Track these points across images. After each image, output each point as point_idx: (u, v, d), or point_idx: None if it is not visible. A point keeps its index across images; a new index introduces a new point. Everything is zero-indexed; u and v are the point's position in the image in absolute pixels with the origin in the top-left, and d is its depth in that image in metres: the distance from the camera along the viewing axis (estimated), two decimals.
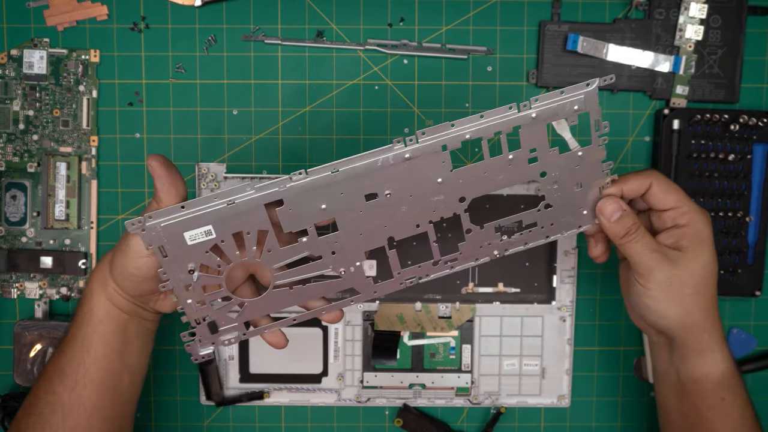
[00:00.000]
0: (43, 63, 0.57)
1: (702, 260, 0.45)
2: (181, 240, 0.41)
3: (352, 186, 0.42)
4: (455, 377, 0.59)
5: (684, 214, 0.45)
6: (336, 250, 0.44)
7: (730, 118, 0.56)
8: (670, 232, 0.46)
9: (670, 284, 0.44)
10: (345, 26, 0.58)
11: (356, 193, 0.42)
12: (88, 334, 0.46)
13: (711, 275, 0.45)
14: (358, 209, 0.43)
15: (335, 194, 0.42)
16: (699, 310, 0.45)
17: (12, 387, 0.60)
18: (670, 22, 0.57)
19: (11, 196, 0.58)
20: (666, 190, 0.45)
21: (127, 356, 0.47)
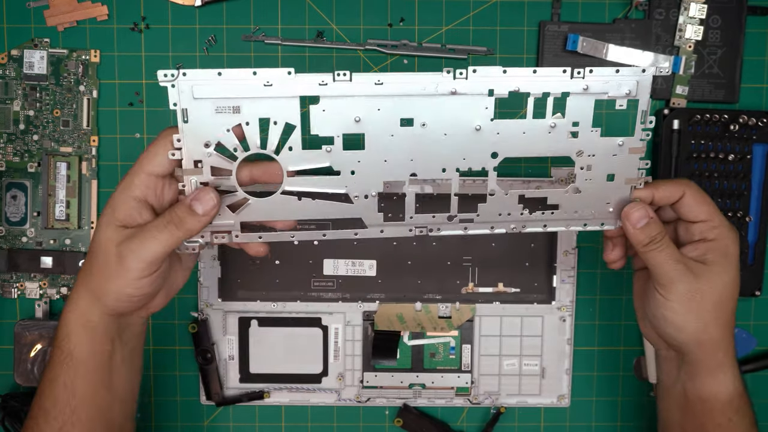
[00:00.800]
0: (44, 63, 0.57)
1: (726, 277, 0.44)
2: (207, 110, 0.39)
3: (391, 104, 0.40)
4: (455, 377, 0.59)
5: (714, 228, 0.44)
6: (356, 170, 0.42)
7: (730, 118, 0.56)
8: (696, 245, 0.45)
9: (692, 297, 0.43)
10: (345, 26, 0.58)
11: (393, 113, 0.41)
12: (70, 378, 0.43)
13: (733, 293, 0.44)
14: (390, 132, 0.41)
15: (372, 109, 0.40)
16: (717, 327, 0.44)
17: (12, 387, 0.60)
18: (670, 22, 0.57)
19: (11, 196, 0.58)
20: (700, 202, 0.45)
21: (115, 387, 0.45)
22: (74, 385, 0.43)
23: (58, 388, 0.43)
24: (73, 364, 0.43)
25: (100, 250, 0.42)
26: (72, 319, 0.43)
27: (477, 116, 0.41)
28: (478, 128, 0.42)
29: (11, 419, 0.58)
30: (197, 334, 0.58)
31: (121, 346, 0.45)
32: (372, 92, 0.40)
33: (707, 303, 0.44)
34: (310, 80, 0.40)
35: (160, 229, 0.41)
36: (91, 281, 0.43)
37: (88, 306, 0.43)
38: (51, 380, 0.44)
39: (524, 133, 0.42)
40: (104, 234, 0.42)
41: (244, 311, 0.59)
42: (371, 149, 0.41)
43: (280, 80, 0.39)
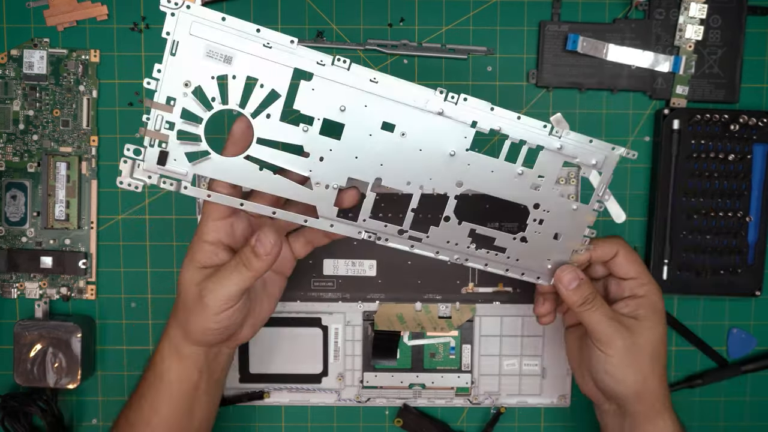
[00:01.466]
0: (43, 63, 0.57)
1: (658, 331, 0.47)
2: (198, 50, 0.39)
3: (379, 105, 0.41)
4: (455, 377, 0.59)
5: (643, 285, 0.48)
6: (325, 158, 0.42)
7: (730, 118, 0.56)
8: (627, 301, 0.48)
9: (630, 352, 0.46)
10: (345, 26, 0.58)
11: (378, 114, 0.41)
12: (157, 397, 0.47)
13: (664, 345, 0.48)
14: (370, 131, 0.41)
15: (360, 103, 0.41)
16: (654, 379, 0.47)
17: (12, 387, 0.60)
18: (670, 22, 0.57)
19: (11, 196, 0.58)
20: (631, 261, 0.48)
21: (195, 415, 0.48)
22: (159, 406, 0.47)
23: (145, 404, 0.47)
24: (162, 387, 0.47)
25: (183, 290, 0.45)
26: (166, 347, 0.47)
27: (455, 142, 0.42)
28: (452, 154, 0.43)
29: (11, 419, 0.58)
30: None
31: (207, 377, 0.48)
32: (365, 87, 0.40)
33: (644, 356, 0.47)
34: (309, 56, 0.40)
35: (231, 270, 0.44)
36: (179, 316, 0.46)
37: (179, 338, 0.47)
38: (140, 396, 0.48)
39: (492, 172, 0.44)
40: (186, 275, 0.45)
41: None
42: (346, 142, 0.42)
43: (281, 46, 0.39)
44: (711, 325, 0.60)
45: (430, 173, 0.43)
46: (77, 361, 0.57)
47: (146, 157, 0.41)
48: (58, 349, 0.57)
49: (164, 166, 0.41)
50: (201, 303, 0.44)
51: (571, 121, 0.59)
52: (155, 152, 0.41)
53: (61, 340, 0.57)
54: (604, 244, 0.48)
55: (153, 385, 0.47)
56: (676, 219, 0.58)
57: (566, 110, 0.59)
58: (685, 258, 0.58)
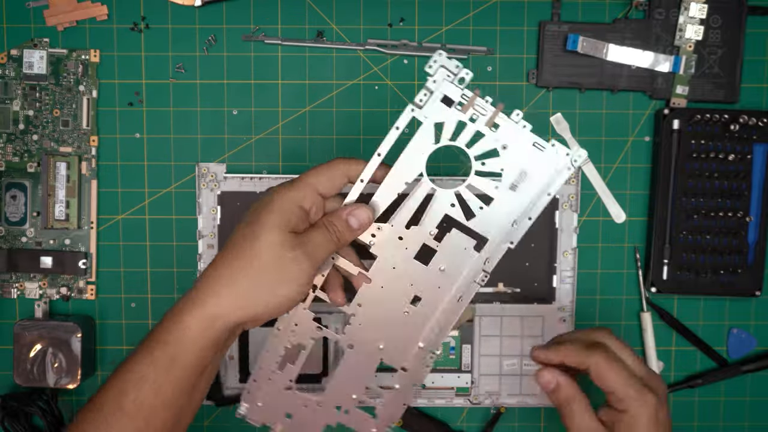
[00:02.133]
0: (43, 63, 0.57)
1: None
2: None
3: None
4: (455, 377, 0.59)
5: (620, 401, 0.42)
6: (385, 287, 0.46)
7: (730, 118, 0.56)
8: (608, 410, 0.44)
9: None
10: (345, 26, 0.58)
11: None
12: (165, 381, 0.41)
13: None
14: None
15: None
16: None
17: (12, 387, 0.60)
18: (670, 22, 0.57)
19: (11, 196, 0.58)
20: (604, 377, 0.43)
21: (195, 395, 0.43)
22: (163, 388, 0.41)
23: (145, 387, 0.41)
24: (172, 370, 0.41)
25: (268, 254, 0.41)
26: (192, 325, 0.41)
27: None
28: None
29: (11, 419, 0.58)
30: None
31: (220, 355, 0.44)
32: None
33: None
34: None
35: (325, 238, 0.43)
36: (237, 288, 0.41)
37: (214, 316, 0.41)
38: (140, 379, 0.41)
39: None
40: (275, 238, 0.41)
41: None
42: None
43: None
44: (711, 325, 0.60)
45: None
46: (77, 361, 0.57)
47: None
48: (58, 349, 0.57)
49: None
50: (298, 269, 0.41)
51: (571, 122, 0.59)
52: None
53: (61, 340, 0.57)
54: (575, 353, 0.43)
55: (161, 369, 0.41)
56: (676, 219, 0.58)
57: (566, 110, 0.59)
58: (685, 258, 0.58)
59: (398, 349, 0.47)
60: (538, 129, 0.59)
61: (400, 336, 0.47)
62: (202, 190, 0.58)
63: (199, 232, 0.58)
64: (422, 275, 0.46)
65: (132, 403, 0.41)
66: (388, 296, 0.46)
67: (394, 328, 0.46)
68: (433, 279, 0.46)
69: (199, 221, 0.58)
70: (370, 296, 0.46)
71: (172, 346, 0.41)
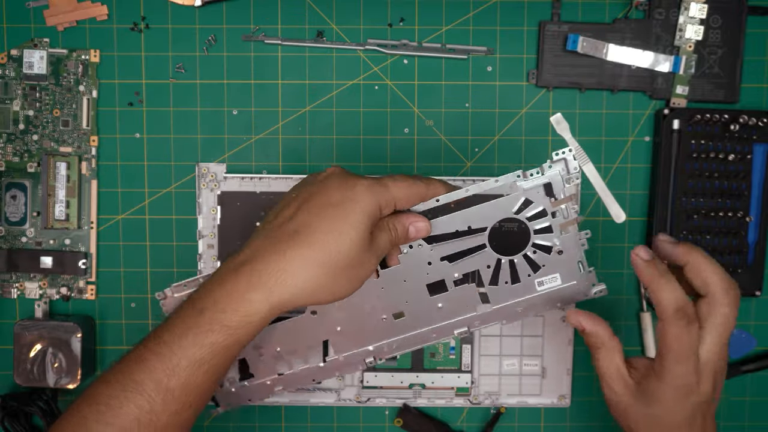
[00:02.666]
0: (43, 63, 0.57)
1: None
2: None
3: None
4: (455, 377, 0.59)
5: (713, 294, 0.42)
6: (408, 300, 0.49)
7: (730, 118, 0.56)
8: (641, 358, 0.46)
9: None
10: (345, 26, 0.58)
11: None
12: (218, 364, 0.41)
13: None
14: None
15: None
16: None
17: (12, 387, 0.60)
18: (670, 22, 0.57)
19: (11, 196, 0.58)
20: (700, 267, 0.43)
21: (221, 377, 0.43)
22: (217, 370, 0.41)
23: (199, 371, 0.40)
24: (229, 354, 0.41)
25: (350, 253, 0.41)
26: (261, 311, 0.40)
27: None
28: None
29: (11, 419, 0.58)
30: None
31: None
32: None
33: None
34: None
35: (387, 240, 0.44)
36: (310, 280, 0.41)
37: (281, 304, 0.41)
38: (199, 363, 0.40)
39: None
40: (359, 237, 0.41)
41: None
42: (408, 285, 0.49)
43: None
44: None
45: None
46: (77, 361, 0.57)
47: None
48: (58, 349, 0.57)
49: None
50: (359, 269, 0.42)
51: (571, 122, 0.59)
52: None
53: (61, 340, 0.57)
54: (681, 251, 0.44)
55: (221, 353, 0.40)
56: (676, 219, 0.58)
57: (566, 110, 0.59)
58: None
59: (348, 343, 0.51)
60: (538, 129, 0.59)
61: (363, 332, 0.50)
62: (202, 190, 0.58)
63: (199, 232, 0.58)
64: (420, 301, 0.49)
65: (183, 389, 0.40)
66: (380, 297, 0.48)
67: (364, 324, 0.50)
68: (426, 310, 0.49)
69: (199, 221, 0.58)
70: (367, 288, 0.47)
71: (234, 331, 0.40)
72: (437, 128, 0.59)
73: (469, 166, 0.59)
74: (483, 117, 0.59)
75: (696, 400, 0.43)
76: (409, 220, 0.45)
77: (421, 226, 0.45)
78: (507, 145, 0.59)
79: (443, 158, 0.59)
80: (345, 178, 0.43)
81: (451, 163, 0.59)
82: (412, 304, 0.49)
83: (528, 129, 0.59)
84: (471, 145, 0.59)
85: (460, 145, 0.59)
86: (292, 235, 0.41)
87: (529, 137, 0.59)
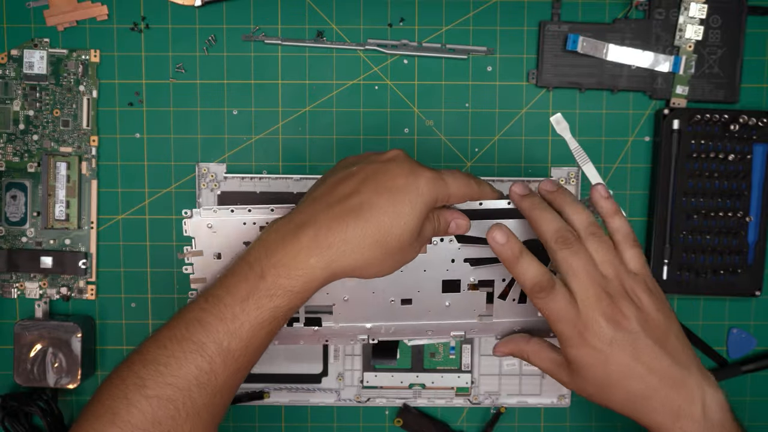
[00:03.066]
0: (43, 63, 0.57)
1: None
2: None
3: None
4: (455, 377, 0.59)
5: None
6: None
7: (730, 118, 0.56)
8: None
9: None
10: (345, 26, 0.58)
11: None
12: (273, 331, 0.42)
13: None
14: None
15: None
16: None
17: (12, 387, 0.60)
18: (670, 22, 0.57)
19: (11, 196, 0.58)
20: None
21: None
22: (275, 331, 0.42)
23: (261, 333, 0.41)
24: (290, 314, 0.42)
25: (405, 238, 0.42)
26: (321, 267, 0.41)
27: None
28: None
29: (11, 419, 0.58)
30: None
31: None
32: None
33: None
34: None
35: (432, 230, 0.45)
36: (363, 256, 0.41)
37: (334, 274, 0.42)
38: (261, 326, 0.41)
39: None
40: (415, 225, 0.42)
41: None
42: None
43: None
44: (711, 325, 0.60)
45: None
46: (77, 361, 0.57)
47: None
48: (58, 349, 0.57)
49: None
50: (407, 253, 0.43)
51: (571, 122, 0.59)
52: None
53: (61, 340, 0.57)
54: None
55: (281, 318, 0.42)
56: (676, 219, 0.58)
57: (566, 110, 0.59)
58: (685, 258, 0.58)
59: (349, 315, 0.51)
60: (538, 129, 0.59)
61: (367, 308, 0.50)
62: (202, 190, 0.58)
63: None
64: (432, 294, 0.50)
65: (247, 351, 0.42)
66: (396, 280, 0.49)
67: (371, 301, 0.50)
68: (434, 304, 0.50)
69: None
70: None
71: (297, 295, 0.41)
72: (437, 128, 0.59)
73: (469, 166, 0.59)
74: (483, 117, 0.59)
75: (628, 328, 0.43)
76: (452, 216, 0.46)
77: (463, 224, 0.46)
78: (507, 145, 0.59)
79: (443, 158, 0.59)
80: (411, 165, 0.43)
81: (451, 163, 0.59)
82: (423, 295, 0.50)
83: (528, 129, 0.59)
84: (471, 145, 0.59)
85: (460, 145, 0.59)
86: (356, 208, 0.41)
87: (529, 137, 0.59)
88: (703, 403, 0.43)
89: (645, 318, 0.43)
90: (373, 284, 0.49)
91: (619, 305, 0.43)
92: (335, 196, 0.42)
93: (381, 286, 0.49)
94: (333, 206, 0.42)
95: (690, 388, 0.43)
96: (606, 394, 0.44)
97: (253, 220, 0.47)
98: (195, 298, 0.43)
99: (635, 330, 0.43)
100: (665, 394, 0.43)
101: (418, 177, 0.42)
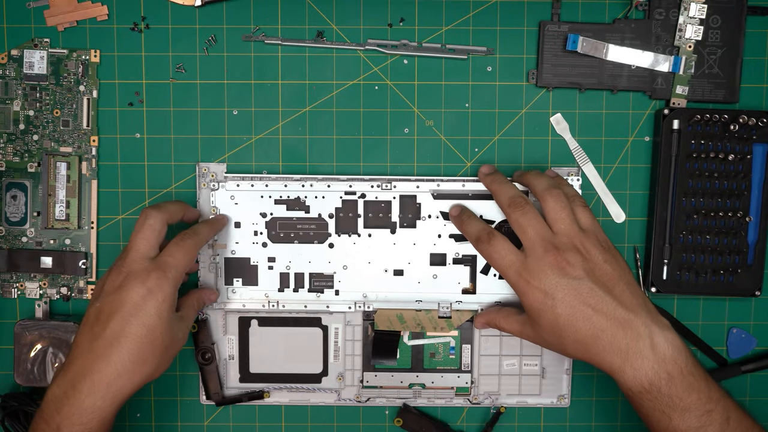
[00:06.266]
0: (44, 63, 0.57)
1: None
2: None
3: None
4: (455, 377, 0.59)
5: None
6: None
7: (730, 118, 0.56)
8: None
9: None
10: (345, 26, 0.58)
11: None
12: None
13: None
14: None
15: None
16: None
17: (12, 387, 0.60)
18: (670, 22, 0.57)
19: (11, 196, 0.59)
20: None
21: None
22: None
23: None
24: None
25: (163, 320, 0.49)
26: (103, 405, 0.46)
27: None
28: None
29: (11, 419, 0.58)
30: (197, 333, 0.58)
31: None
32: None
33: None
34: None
35: (194, 310, 0.55)
36: (135, 359, 0.47)
37: (117, 395, 0.47)
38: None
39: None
40: (166, 299, 0.49)
41: (244, 311, 0.59)
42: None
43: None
44: (711, 325, 0.60)
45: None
46: None
47: None
48: (58, 349, 0.57)
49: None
50: (179, 327, 0.50)
51: (571, 122, 0.59)
52: None
53: (61, 340, 0.57)
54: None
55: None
56: (676, 219, 0.58)
57: (566, 110, 0.59)
58: (685, 258, 0.58)
59: (348, 282, 0.58)
60: (538, 129, 0.59)
61: (363, 277, 0.57)
62: (202, 190, 0.58)
63: None
64: (420, 266, 0.57)
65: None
66: (390, 251, 0.57)
67: (367, 271, 0.57)
68: (423, 275, 0.57)
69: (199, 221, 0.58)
70: (382, 239, 0.57)
71: (97, 430, 0.47)
72: (437, 128, 0.59)
73: (469, 166, 0.59)
74: (483, 117, 0.59)
75: (573, 274, 0.47)
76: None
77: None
78: (507, 145, 0.59)
79: (443, 158, 0.59)
80: (140, 281, 0.48)
81: (451, 163, 0.59)
82: (413, 266, 0.57)
83: (528, 129, 0.59)
84: (471, 145, 0.59)
85: (460, 145, 0.59)
86: (113, 341, 0.47)
87: (529, 137, 0.59)
88: (652, 341, 0.46)
89: (591, 267, 0.47)
90: (371, 252, 0.57)
91: (565, 255, 0.47)
92: (93, 335, 0.47)
93: (378, 255, 0.57)
94: (94, 348, 0.47)
95: (636, 328, 0.46)
96: (559, 339, 0.48)
97: (269, 194, 0.57)
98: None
99: (580, 276, 0.47)
100: (612, 333, 0.46)
101: (150, 290, 0.47)
